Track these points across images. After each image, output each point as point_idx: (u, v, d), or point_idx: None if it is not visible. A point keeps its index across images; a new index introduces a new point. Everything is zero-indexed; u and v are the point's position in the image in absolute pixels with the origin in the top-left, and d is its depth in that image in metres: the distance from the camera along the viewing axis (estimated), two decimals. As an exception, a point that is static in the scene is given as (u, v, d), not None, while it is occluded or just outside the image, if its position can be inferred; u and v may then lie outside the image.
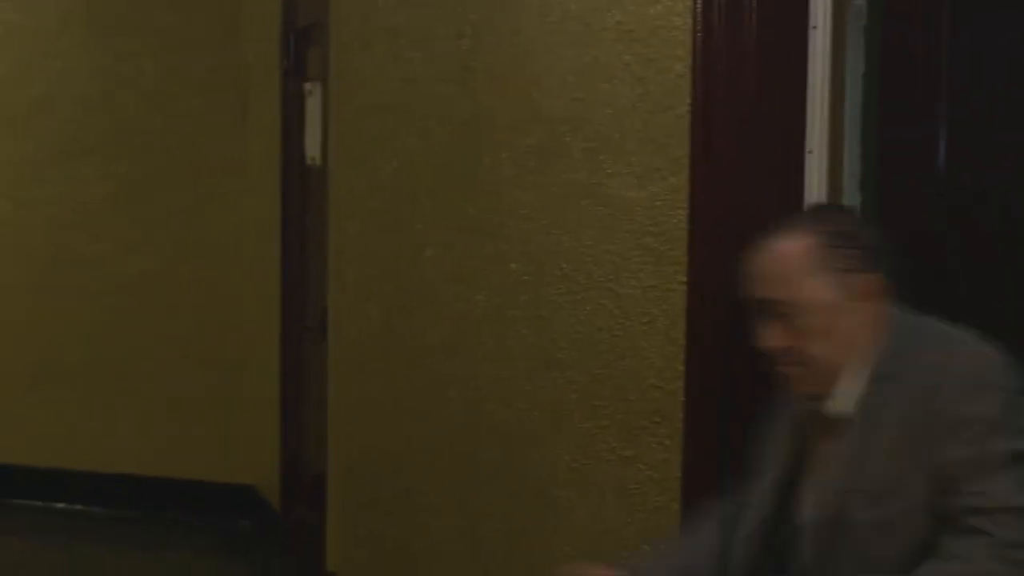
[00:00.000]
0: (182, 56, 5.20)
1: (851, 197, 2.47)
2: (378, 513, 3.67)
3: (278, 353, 4.71)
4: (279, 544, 4.76)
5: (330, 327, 4.02)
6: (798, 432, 2.08)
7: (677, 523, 2.89)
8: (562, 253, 2.99)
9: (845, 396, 1.94)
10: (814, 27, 2.42)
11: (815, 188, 2.47)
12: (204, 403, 5.22)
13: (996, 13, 2.29)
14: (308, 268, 4.46)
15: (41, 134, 5.25)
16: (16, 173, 5.25)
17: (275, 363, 4.73)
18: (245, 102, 5.17)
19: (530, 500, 3.17)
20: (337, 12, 3.95)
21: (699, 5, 2.44)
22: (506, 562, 3.21)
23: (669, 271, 2.73)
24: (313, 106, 4.27)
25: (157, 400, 5.23)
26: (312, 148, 4.30)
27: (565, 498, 3.11)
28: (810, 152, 2.46)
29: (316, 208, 4.28)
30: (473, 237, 3.28)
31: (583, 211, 2.91)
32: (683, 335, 2.70)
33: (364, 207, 3.72)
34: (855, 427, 1.92)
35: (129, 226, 5.23)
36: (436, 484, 3.40)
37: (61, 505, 5.25)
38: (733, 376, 2.57)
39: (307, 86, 4.36)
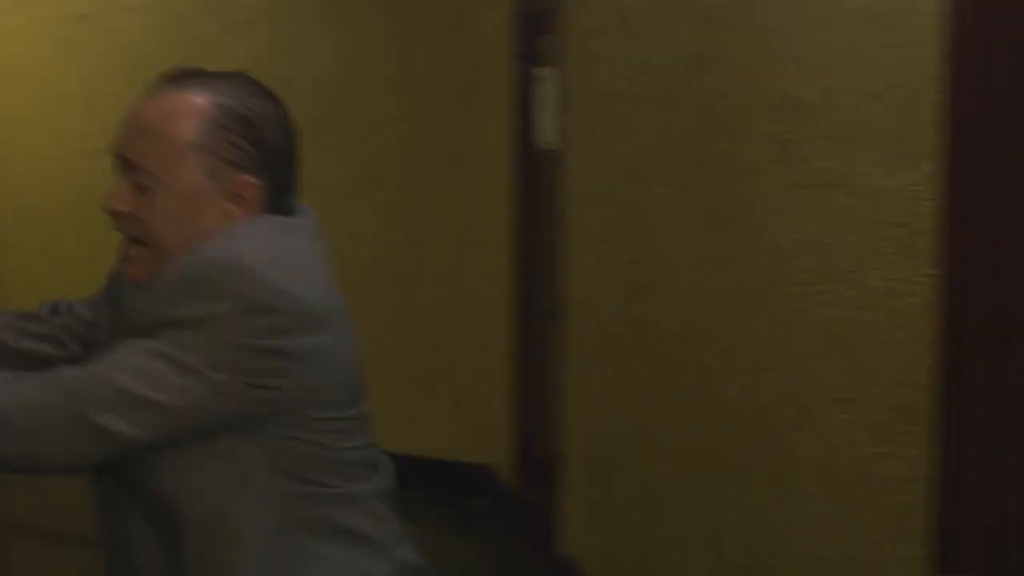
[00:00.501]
0: (417, 41, 5.30)
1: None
2: (614, 499, 3.68)
3: (513, 336, 4.77)
4: (513, 525, 4.82)
5: (567, 312, 4.03)
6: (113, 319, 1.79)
7: (926, 523, 2.80)
8: (805, 242, 2.92)
9: None
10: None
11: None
12: (441, 381, 5.33)
13: None
14: (540, 253, 4.49)
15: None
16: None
17: (510, 346, 4.79)
18: (479, 86, 5.24)
19: (772, 494, 3.12)
20: (571, -2, 3.96)
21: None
22: (746, 555, 3.17)
23: (917, 263, 2.63)
24: (544, 92, 4.29)
25: (396, 379, 5.37)
26: (544, 133, 4.32)
27: (808, 492, 3.05)
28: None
29: (549, 193, 4.30)
30: (712, 224, 3.24)
31: (827, 200, 2.83)
32: (931, 329, 2.60)
33: (600, 193, 3.72)
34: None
35: (366, 209, 5.38)
36: (675, 472, 3.38)
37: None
38: (995, 372, 2.47)
39: (539, 71, 4.38)
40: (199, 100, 1.68)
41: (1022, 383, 2.48)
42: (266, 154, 1.72)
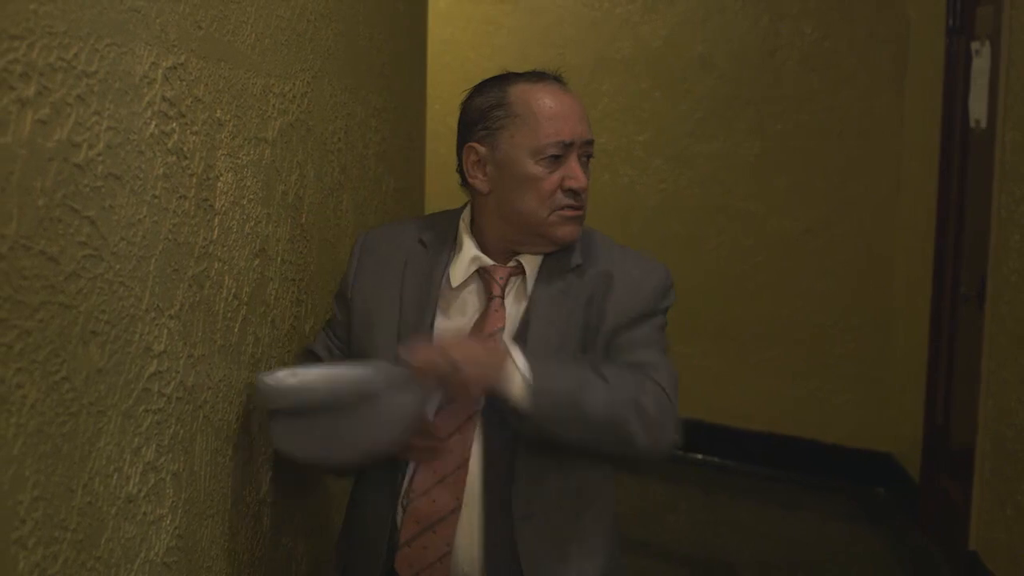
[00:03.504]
0: (841, 16, 5.18)
1: None
2: (1031, 496, 3.46)
3: (928, 320, 4.58)
4: (915, 516, 4.65)
5: (988, 296, 3.83)
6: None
7: None
8: None
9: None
10: None
11: None
12: (848, 366, 5.22)
13: None
14: (965, 234, 4.28)
15: (700, 92, 5.46)
16: (674, 132, 5.51)
17: (924, 330, 4.60)
18: (905, 62, 5.05)
19: None
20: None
21: None
22: None
23: None
24: (981, 66, 4.07)
25: (801, 359, 5.30)
26: (977, 111, 4.10)
27: None
28: None
29: (977, 172, 4.09)
30: None
31: None
32: None
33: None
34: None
35: (783, 184, 5.32)
36: None
37: (699, 456, 5.48)
38: None
39: (974, 45, 4.16)
40: None
41: None
42: None
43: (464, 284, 2.17)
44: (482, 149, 2.14)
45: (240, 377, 2.05)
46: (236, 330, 2.02)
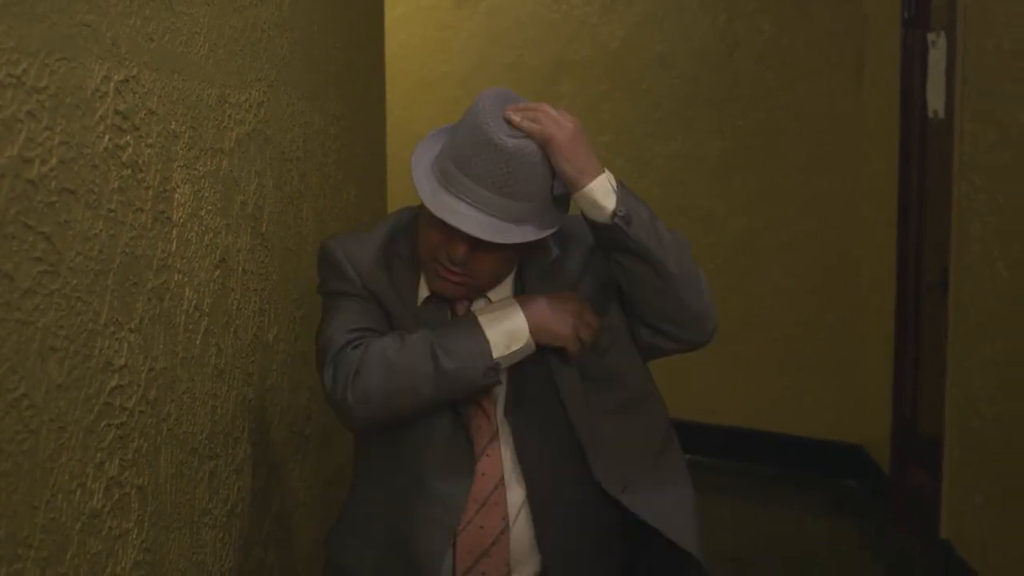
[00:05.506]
0: (798, 12, 5.21)
1: None
2: (1000, 481, 3.49)
3: (893, 311, 4.61)
4: (887, 506, 4.68)
5: (951, 286, 3.86)
6: None
7: None
8: None
9: None
10: None
11: None
12: (817, 359, 5.24)
13: None
14: (926, 224, 4.31)
15: (659, 92, 5.48)
16: (634, 132, 5.53)
17: (889, 321, 4.64)
18: (863, 56, 5.09)
19: None
20: (966, -44, 3.77)
21: None
22: None
23: None
24: (937, 57, 4.11)
25: (770, 355, 5.32)
26: (935, 101, 4.14)
27: None
28: None
29: (937, 163, 4.12)
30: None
31: None
32: None
33: (992, 161, 3.52)
34: None
35: (743, 182, 5.34)
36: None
37: (676, 452, 5.47)
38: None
39: (930, 36, 4.20)
40: None
41: None
42: None
43: (428, 302, 2.08)
44: None
45: (204, 388, 2.04)
46: (198, 342, 2.02)
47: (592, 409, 2.06)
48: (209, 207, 2.06)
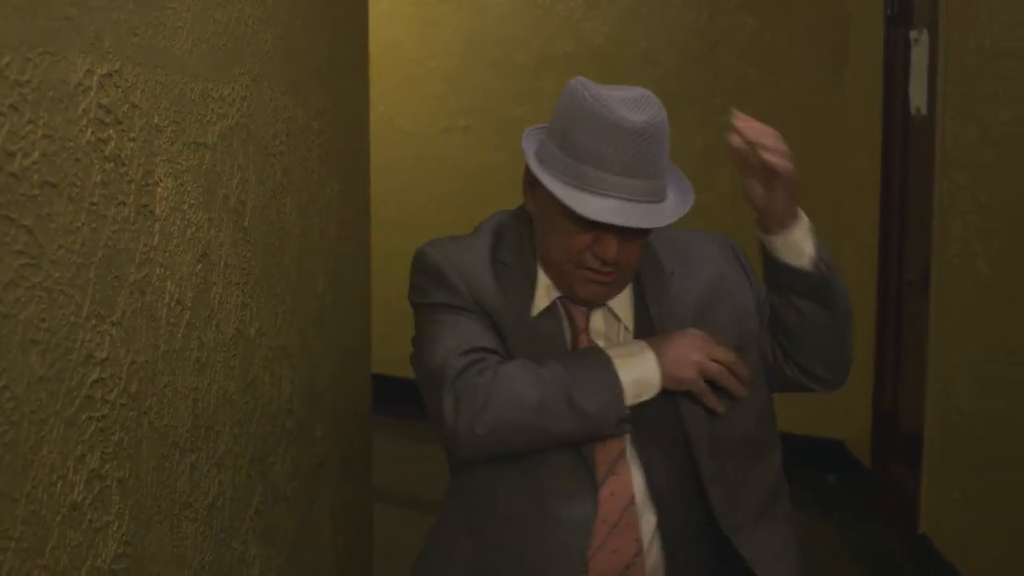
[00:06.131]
0: (780, 8, 5.23)
1: None
2: (978, 478, 3.51)
3: (874, 307, 4.63)
4: (869, 501, 4.70)
5: (932, 283, 3.88)
6: None
7: None
8: None
9: None
10: None
11: None
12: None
13: None
14: (908, 221, 4.33)
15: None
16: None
17: (871, 318, 4.66)
18: (845, 53, 5.11)
19: None
20: (949, -45, 3.78)
21: None
22: None
23: None
24: (920, 54, 4.13)
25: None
26: (917, 99, 4.16)
27: None
28: None
29: (919, 160, 4.14)
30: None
31: None
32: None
33: (974, 159, 3.54)
34: None
35: (726, 177, 5.33)
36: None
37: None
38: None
39: (912, 34, 4.22)
40: None
41: None
42: None
43: (544, 314, 1.99)
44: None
45: (185, 382, 2.05)
46: (180, 335, 2.02)
47: (716, 446, 1.98)
48: (191, 201, 2.06)
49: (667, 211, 1.90)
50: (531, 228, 2.03)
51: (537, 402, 1.84)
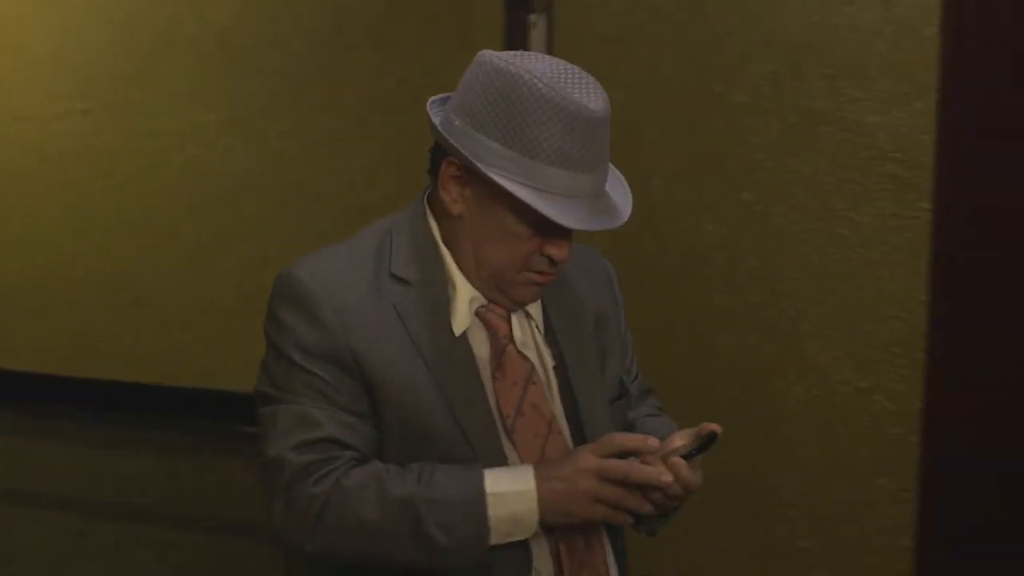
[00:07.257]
0: (406, -10, 5.26)
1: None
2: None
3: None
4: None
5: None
6: None
7: (915, 456, 2.83)
8: (797, 182, 2.94)
9: None
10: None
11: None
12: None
13: None
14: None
15: (271, 69, 5.38)
16: (248, 109, 5.41)
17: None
18: (468, 36, 5.20)
19: (760, 433, 3.15)
20: (561, -60, 3.95)
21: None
22: (736, 494, 3.21)
23: (912, 198, 2.65)
24: (537, 38, 4.28)
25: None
26: (536, 80, 4.30)
27: (795, 432, 3.09)
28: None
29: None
30: (703, 166, 3.25)
31: (820, 138, 2.85)
32: (926, 264, 2.62)
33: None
34: None
35: (355, 159, 5.34)
36: (669, 412, 3.40)
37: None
38: (984, 306, 2.49)
39: (531, 18, 4.36)
40: None
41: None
42: None
43: (466, 331, 1.82)
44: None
45: None
46: None
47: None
48: None
49: (622, 204, 1.82)
50: (436, 233, 1.92)
51: (376, 526, 1.65)
